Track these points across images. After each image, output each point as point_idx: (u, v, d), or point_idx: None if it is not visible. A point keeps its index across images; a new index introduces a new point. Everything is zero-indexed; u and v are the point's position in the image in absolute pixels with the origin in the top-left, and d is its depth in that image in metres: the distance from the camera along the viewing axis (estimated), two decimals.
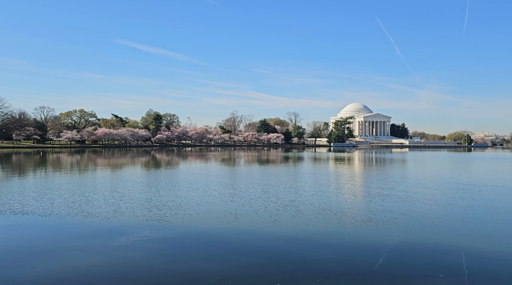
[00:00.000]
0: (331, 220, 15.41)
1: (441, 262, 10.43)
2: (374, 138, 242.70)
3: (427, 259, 10.66)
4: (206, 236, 12.96)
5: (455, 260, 10.58)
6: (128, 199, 20.32)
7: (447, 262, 10.42)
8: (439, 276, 9.37)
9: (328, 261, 10.45)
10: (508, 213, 17.04)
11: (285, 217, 15.82)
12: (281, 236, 12.92)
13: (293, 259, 10.66)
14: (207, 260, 10.63)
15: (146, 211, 16.94)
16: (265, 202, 19.46)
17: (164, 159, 63.74)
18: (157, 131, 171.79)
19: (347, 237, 12.92)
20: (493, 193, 23.40)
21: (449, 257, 10.84)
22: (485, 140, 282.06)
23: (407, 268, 10.01)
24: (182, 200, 20.09)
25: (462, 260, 10.53)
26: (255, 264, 10.32)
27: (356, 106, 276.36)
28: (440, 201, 20.36)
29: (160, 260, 10.57)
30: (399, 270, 9.83)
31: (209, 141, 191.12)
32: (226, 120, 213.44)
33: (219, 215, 16.19)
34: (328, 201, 20.16)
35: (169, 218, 15.54)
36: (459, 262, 10.41)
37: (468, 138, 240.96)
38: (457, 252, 11.24)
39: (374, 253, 11.18)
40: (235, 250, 11.43)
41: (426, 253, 11.20)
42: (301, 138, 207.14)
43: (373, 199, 20.73)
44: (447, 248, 11.70)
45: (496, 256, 10.98)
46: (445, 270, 9.76)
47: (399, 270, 9.83)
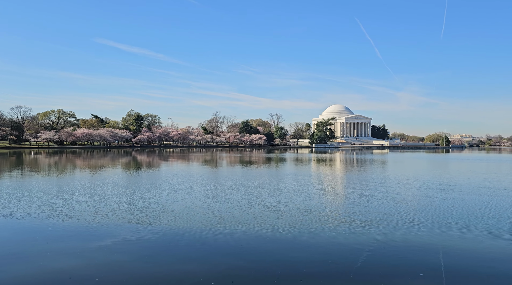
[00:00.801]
0: (314, 220, 15.50)
1: (420, 261, 10.61)
2: (355, 140, 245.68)
3: (407, 258, 10.83)
4: (189, 238, 12.86)
5: (434, 259, 10.78)
6: (108, 201, 19.98)
7: (426, 261, 10.60)
8: (418, 275, 9.52)
9: (310, 262, 10.50)
10: (487, 212, 17.47)
11: (268, 218, 15.84)
12: (264, 237, 12.92)
13: (276, 259, 10.67)
14: (189, 261, 10.53)
15: (127, 213, 16.70)
16: (248, 203, 19.44)
17: (146, 160, 62.99)
18: (138, 132, 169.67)
19: (329, 237, 13.01)
20: (473, 193, 23.95)
21: (429, 256, 11.04)
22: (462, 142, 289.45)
23: (388, 267, 10.14)
24: (164, 201, 19.88)
25: (441, 259, 10.73)
26: (238, 265, 10.29)
27: (338, 107, 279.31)
28: (421, 201, 20.73)
29: (140, 262, 10.43)
30: (380, 269, 9.95)
31: (191, 142, 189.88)
32: (208, 121, 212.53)
33: (202, 217, 16.08)
34: (311, 202, 20.28)
35: (151, 220, 15.35)
36: (438, 261, 10.61)
37: (446, 139, 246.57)
38: (436, 251, 11.46)
39: (356, 253, 11.29)
40: (218, 251, 11.37)
41: (406, 253, 11.38)
42: (283, 139, 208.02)
43: (356, 200, 20.96)
44: (427, 247, 11.91)
45: (473, 254, 11.24)
46: (425, 269, 9.93)
47: (380, 269, 9.95)
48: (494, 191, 24.87)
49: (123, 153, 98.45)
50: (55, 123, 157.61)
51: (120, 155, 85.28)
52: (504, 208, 18.58)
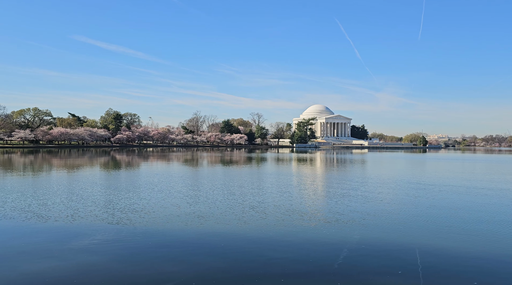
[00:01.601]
0: (296, 220, 15.58)
1: (399, 259, 10.80)
2: (335, 139, 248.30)
3: (386, 257, 11.01)
4: (169, 238, 12.73)
5: (413, 257, 11.00)
6: (87, 201, 19.60)
7: (405, 259, 10.81)
8: (397, 273, 9.70)
9: (291, 261, 10.56)
10: (466, 212, 17.92)
11: (250, 218, 15.84)
12: (245, 237, 12.92)
13: (257, 259, 10.68)
14: (169, 262, 10.43)
15: (106, 214, 16.41)
16: (229, 203, 19.40)
17: (125, 160, 62.03)
18: (117, 131, 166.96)
19: (310, 236, 13.11)
20: (452, 192, 24.52)
21: (407, 254, 11.26)
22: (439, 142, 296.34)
23: (367, 265, 10.29)
24: (144, 202, 19.63)
25: (420, 258, 10.96)
26: (219, 265, 10.25)
27: (318, 108, 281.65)
28: (402, 201, 21.10)
29: (120, 263, 10.27)
30: (360, 268, 10.09)
31: (172, 142, 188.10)
32: (189, 121, 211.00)
33: (183, 217, 15.96)
34: (293, 202, 20.38)
35: (131, 221, 15.13)
36: (416, 259, 10.83)
37: (423, 140, 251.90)
38: (415, 250, 11.69)
39: (336, 251, 11.42)
40: (199, 252, 11.31)
41: (385, 251, 11.57)
42: (264, 139, 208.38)
43: (337, 199, 21.18)
44: (406, 246, 12.14)
45: (450, 253, 11.51)
46: (403, 267, 10.12)
47: (360, 268, 10.09)
48: (472, 190, 25.51)
49: (102, 152, 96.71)
50: (30, 122, 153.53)
51: (98, 154, 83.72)
52: (482, 207, 19.10)
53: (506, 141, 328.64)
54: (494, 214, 17.33)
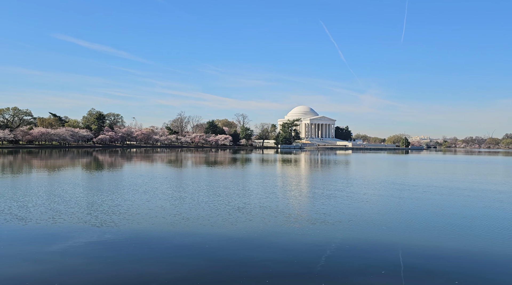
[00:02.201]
0: (280, 221, 15.62)
1: (383, 259, 10.93)
2: (319, 140, 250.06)
3: (370, 257, 11.13)
4: (154, 240, 12.61)
5: (396, 257, 11.15)
6: (69, 203, 19.26)
7: (388, 259, 10.94)
8: (380, 273, 9.81)
9: (275, 262, 10.58)
10: (449, 212, 18.25)
11: (235, 219, 15.81)
12: (230, 238, 12.89)
13: (242, 260, 10.67)
14: (153, 263, 10.33)
15: (89, 216, 16.15)
16: (215, 204, 19.33)
17: (108, 160, 61.17)
18: (100, 131, 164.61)
19: (295, 237, 13.16)
20: (435, 193, 24.93)
21: (391, 254, 11.41)
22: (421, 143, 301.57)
23: (351, 265, 10.39)
24: (128, 203, 19.40)
25: (403, 258, 11.12)
26: (203, 266, 10.20)
27: (303, 109, 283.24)
28: (387, 202, 21.38)
29: (101, 265, 10.12)
30: (344, 268, 10.17)
31: (155, 143, 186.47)
32: (173, 121, 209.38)
33: (168, 218, 15.83)
34: (278, 203, 20.43)
35: (114, 222, 14.93)
36: (399, 259, 10.98)
37: (405, 141, 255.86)
38: (398, 250, 11.86)
39: (321, 252, 11.49)
40: (183, 253, 11.23)
41: (369, 251, 11.70)
42: (249, 140, 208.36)
43: (323, 200, 21.32)
44: (390, 246, 12.30)
45: (433, 253, 11.71)
46: (386, 267, 10.25)
47: (344, 268, 10.17)
48: (455, 191, 25.96)
49: (84, 153, 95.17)
50: (9, 122, 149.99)
51: (80, 155, 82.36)
52: (465, 208, 19.46)
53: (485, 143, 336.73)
54: (476, 214, 17.71)
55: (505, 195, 24.54)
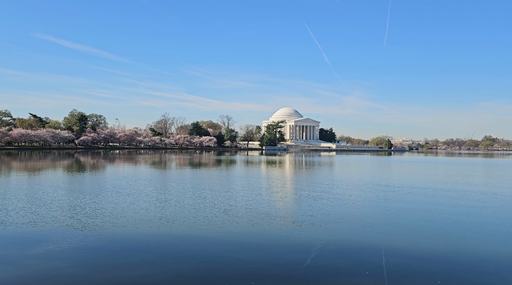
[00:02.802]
0: (266, 223, 15.63)
1: (367, 260, 11.04)
2: (304, 142, 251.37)
3: (354, 258, 11.23)
4: (138, 243, 12.44)
5: (380, 258, 11.27)
6: (50, 206, 18.87)
7: (373, 260, 11.05)
8: (364, 274, 9.90)
9: (261, 263, 10.57)
10: (434, 213, 18.53)
11: (220, 221, 15.75)
12: (215, 240, 12.83)
13: (227, 262, 10.62)
14: (137, 267, 10.20)
15: (71, 219, 15.85)
16: (200, 207, 19.22)
17: (90, 162, 60.21)
18: (82, 133, 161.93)
19: (280, 239, 13.18)
20: (420, 194, 25.28)
21: (375, 255, 11.52)
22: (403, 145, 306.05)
23: (336, 266, 10.45)
24: (112, 206, 19.12)
25: (387, 258, 11.25)
26: (188, 269, 10.12)
27: (287, 110, 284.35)
28: (373, 203, 21.57)
29: (84, 269, 9.94)
30: (328, 269, 10.23)
31: (139, 144, 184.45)
32: (157, 123, 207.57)
33: (153, 221, 15.66)
34: (264, 204, 20.44)
35: (97, 225, 14.69)
36: (384, 260, 11.10)
37: (388, 143, 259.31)
38: (382, 251, 11.98)
39: (305, 254, 11.53)
40: (168, 256, 11.11)
41: (353, 253, 11.80)
42: (233, 142, 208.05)
43: (309, 202, 21.41)
44: (374, 247, 12.42)
45: (416, 253, 11.88)
46: (370, 268, 10.35)
47: (328, 269, 10.23)
48: (439, 192, 26.34)
49: (65, 154, 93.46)
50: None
51: (61, 156, 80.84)
52: (449, 209, 19.73)
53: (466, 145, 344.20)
54: (460, 215, 17.99)
55: (487, 196, 25.07)
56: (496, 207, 20.53)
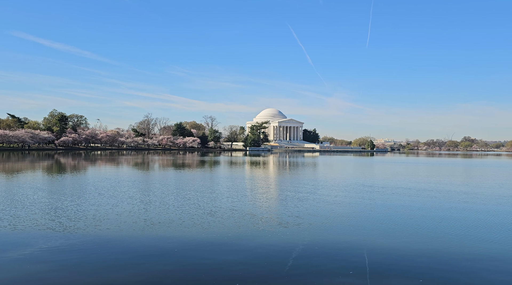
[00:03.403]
0: (251, 224, 15.62)
1: (351, 260, 11.14)
2: (288, 143, 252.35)
3: (339, 258, 11.32)
4: (121, 245, 12.27)
5: (365, 258, 11.39)
6: (30, 208, 18.44)
7: (357, 260, 11.16)
8: (348, 273, 9.99)
9: (245, 265, 10.56)
10: (417, 213, 18.78)
11: (205, 223, 15.67)
12: (200, 242, 12.75)
13: (211, 263, 10.57)
14: (120, 269, 10.05)
15: (52, 221, 15.52)
16: (184, 208, 19.09)
17: (71, 163, 59.09)
18: (62, 133, 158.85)
19: (265, 240, 13.18)
20: (404, 194, 25.60)
21: (360, 255, 11.64)
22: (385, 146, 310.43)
23: (320, 267, 10.52)
24: (94, 207, 18.80)
25: (371, 258, 11.37)
26: (172, 270, 10.03)
27: (271, 111, 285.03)
28: (358, 203, 21.71)
29: (65, 272, 9.75)
30: (313, 269, 10.28)
31: (121, 145, 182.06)
32: (140, 123, 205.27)
33: (136, 223, 15.47)
34: (249, 205, 20.42)
35: (79, 228, 14.42)
36: (368, 259, 11.22)
37: (371, 143, 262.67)
38: (367, 250, 12.11)
39: (290, 254, 11.57)
40: (151, 258, 10.99)
41: (337, 252, 11.90)
42: (217, 142, 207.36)
43: (294, 203, 21.48)
44: (359, 247, 12.54)
45: (399, 252, 12.04)
46: (355, 267, 10.45)
47: (313, 269, 10.28)
48: (423, 192, 26.77)
49: (45, 155, 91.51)
50: None
51: (41, 157, 79.14)
52: (433, 208, 20.03)
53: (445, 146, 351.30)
54: (442, 214, 18.29)
55: (469, 195, 25.57)
56: (477, 207, 20.97)
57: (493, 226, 15.78)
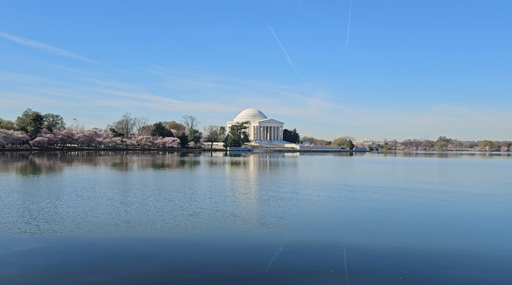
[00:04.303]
0: (231, 224, 15.51)
1: (333, 259, 11.17)
2: (268, 143, 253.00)
3: (322, 257, 11.34)
4: (99, 247, 11.97)
5: (346, 256, 11.45)
6: (2, 210, 17.80)
7: (339, 259, 11.21)
8: (329, 272, 10.01)
9: (226, 265, 10.45)
10: (400, 212, 19.03)
11: (186, 224, 15.49)
12: (181, 243, 12.58)
13: (192, 265, 10.43)
14: (98, 272, 9.79)
15: (26, 224, 15.02)
16: (165, 209, 18.81)
17: (46, 164, 57.55)
18: (37, 133, 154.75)
19: (246, 240, 13.10)
20: (386, 194, 25.93)
21: (342, 254, 11.70)
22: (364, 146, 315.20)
23: (302, 265, 10.50)
24: (71, 210, 18.30)
25: (353, 256, 11.44)
26: (153, 272, 9.83)
27: (252, 111, 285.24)
28: (342, 203, 21.88)
29: (38, 275, 9.44)
30: (294, 269, 10.26)
31: (99, 145, 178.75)
32: (118, 123, 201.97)
33: (115, 225, 15.13)
34: (230, 206, 20.30)
35: (55, 230, 14.00)
36: (350, 258, 11.28)
37: (350, 143, 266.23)
38: (349, 249, 12.18)
39: (273, 253, 11.53)
40: (132, 260, 10.76)
41: (321, 251, 11.92)
42: (197, 143, 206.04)
43: (278, 203, 21.47)
44: (343, 246, 12.60)
45: (380, 251, 12.15)
46: (336, 266, 10.49)
47: (294, 269, 10.26)
48: (404, 191, 27.15)
49: (19, 156, 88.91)
50: None
51: (14, 158, 76.83)
52: (415, 207, 20.29)
53: (422, 145, 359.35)
54: (424, 213, 18.56)
55: (448, 194, 26.04)
56: (456, 205, 21.32)
57: (472, 224, 16.11)
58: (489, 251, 12.18)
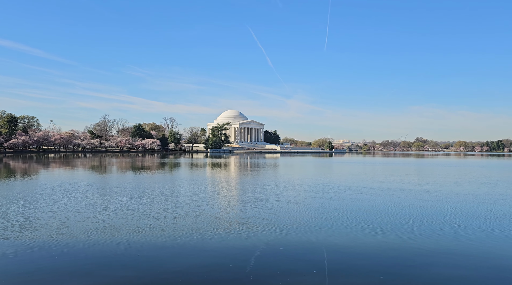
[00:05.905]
0: (213, 226, 15.48)
1: (316, 259, 11.27)
2: (249, 144, 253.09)
3: (304, 257, 11.42)
4: (78, 251, 11.76)
5: (330, 256, 11.57)
6: None
7: (323, 258, 11.32)
8: (312, 272, 10.12)
9: (208, 267, 10.43)
10: (388, 211, 19.29)
11: (168, 226, 15.37)
12: (162, 246, 12.48)
13: (173, 268, 10.37)
14: (76, 276, 9.63)
15: (2, 230, 14.60)
16: (147, 213, 18.60)
17: (21, 167, 56.01)
18: (11, 135, 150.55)
19: (227, 241, 13.10)
20: (371, 194, 26.26)
21: (326, 254, 11.81)
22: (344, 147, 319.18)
23: (284, 266, 10.57)
24: (49, 213, 17.89)
25: (336, 256, 11.58)
26: (134, 276, 9.74)
27: (232, 113, 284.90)
28: (327, 203, 21.97)
29: (17, 282, 9.19)
30: (277, 269, 10.32)
31: (76, 147, 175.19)
32: (96, 125, 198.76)
33: (95, 228, 14.89)
34: (212, 208, 20.24)
35: (31, 234, 13.67)
36: (333, 258, 11.41)
37: (330, 144, 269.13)
38: (332, 249, 12.30)
39: (255, 255, 11.56)
40: (112, 264, 10.62)
41: (303, 252, 12.00)
42: (178, 144, 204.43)
43: (261, 204, 21.48)
44: (324, 246, 12.71)
45: (362, 250, 12.33)
46: (319, 266, 10.60)
47: (277, 269, 10.32)
48: (388, 192, 27.52)
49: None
50: None
51: None
52: (401, 207, 20.60)
53: (400, 146, 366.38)
54: (405, 212, 18.92)
55: (431, 194, 26.45)
56: (439, 204, 21.68)
57: (455, 223, 16.43)
58: (471, 249, 12.40)
